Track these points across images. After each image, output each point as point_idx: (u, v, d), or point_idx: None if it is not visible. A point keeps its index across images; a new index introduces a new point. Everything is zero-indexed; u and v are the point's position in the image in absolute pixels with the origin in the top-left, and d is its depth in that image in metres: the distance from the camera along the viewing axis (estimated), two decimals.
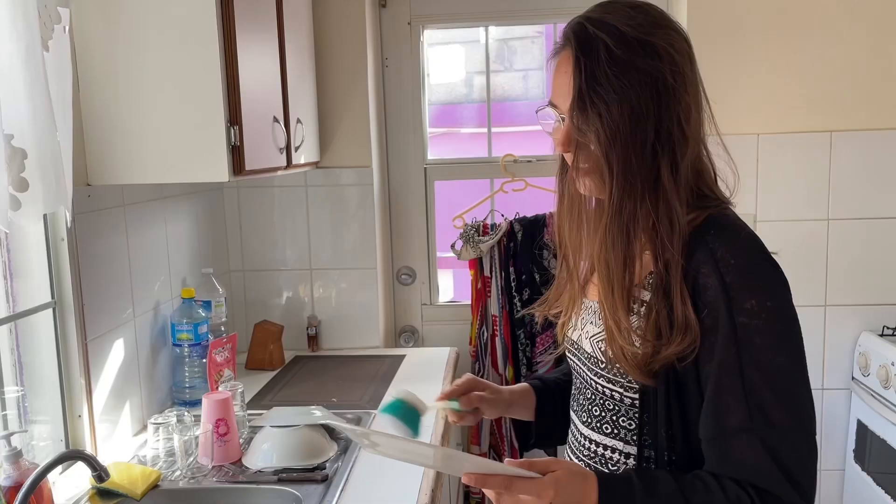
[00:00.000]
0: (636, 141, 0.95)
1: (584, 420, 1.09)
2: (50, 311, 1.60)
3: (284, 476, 1.55)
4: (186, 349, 2.02)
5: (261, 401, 2.07)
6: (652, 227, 0.97)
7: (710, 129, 1.04)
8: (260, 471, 1.59)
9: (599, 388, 1.05)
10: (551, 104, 1.02)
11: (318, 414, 1.74)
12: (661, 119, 0.95)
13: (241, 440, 1.72)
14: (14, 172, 1.31)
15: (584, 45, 0.96)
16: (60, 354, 1.62)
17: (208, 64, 1.61)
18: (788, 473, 0.90)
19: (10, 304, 1.57)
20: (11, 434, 1.33)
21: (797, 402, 0.92)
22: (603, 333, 1.02)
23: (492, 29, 2.72)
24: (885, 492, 2.21)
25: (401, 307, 2.78)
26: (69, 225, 1.57)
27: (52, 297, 1.60)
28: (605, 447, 1.05)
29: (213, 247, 2.41)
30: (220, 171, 1.65)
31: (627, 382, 1.00)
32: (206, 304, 2.14)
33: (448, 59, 2.85)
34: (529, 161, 2.62)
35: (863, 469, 2.35)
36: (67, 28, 1.48)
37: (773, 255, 0.97)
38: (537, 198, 2.58)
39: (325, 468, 1.58)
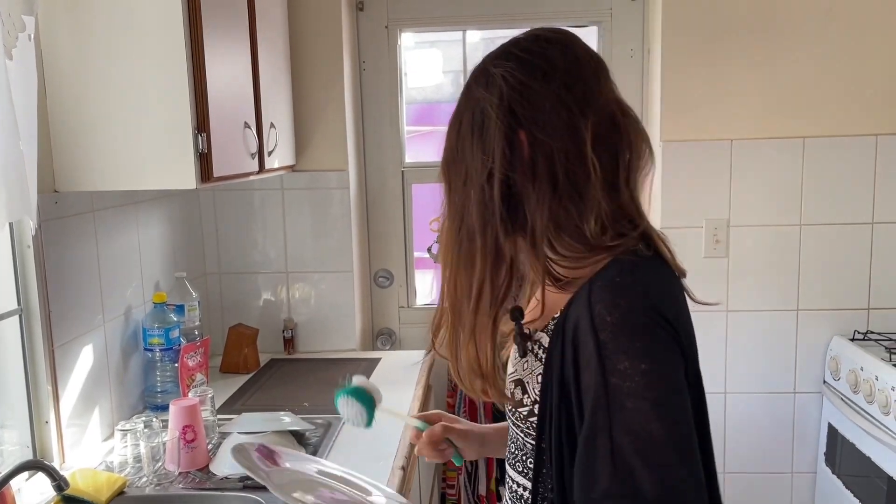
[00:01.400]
0: (457, 172, 0.94)
1: (509, 461, 1.05)
2: (16, 317, 1.60)
3: (250, 483, 1.55)
4: (158, 354, 2.02)
5: (233, 405, 2.07)
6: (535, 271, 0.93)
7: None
8: (226, 477, 1.59)
9: (513, 431, 1.03)
10: None
11: (286, 420, 1.75)
12: (485, 152, 0.91)
13: (210, 446, 1.73)
14: None
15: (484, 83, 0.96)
16: (27, 361, 1.62)
17: (175, 72, 1.61)
18: None
19: None
20: None
21: (671, 475, 0.80)
22: (515, 374, 0.99)
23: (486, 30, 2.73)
24: (854, 495, 2.23)
25: (378, 310, 2.79)
26: (34, 232, 1.57)
27: (19, 304, 1.60)
28: (515, 483, 1.02)
29: (188, 250, 2.41)
30: (187, 178, 1.65)
31: (526, 428, 0.97)
32: (179, 309, 2.14)
33: (427, 60, 2.86)
34: None
35: (833, 472, 2.38)
36: (33, 36, 1.48)
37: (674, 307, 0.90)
38: None
39: None
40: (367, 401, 1.15)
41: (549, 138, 0.90)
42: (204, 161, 1.68)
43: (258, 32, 2.03)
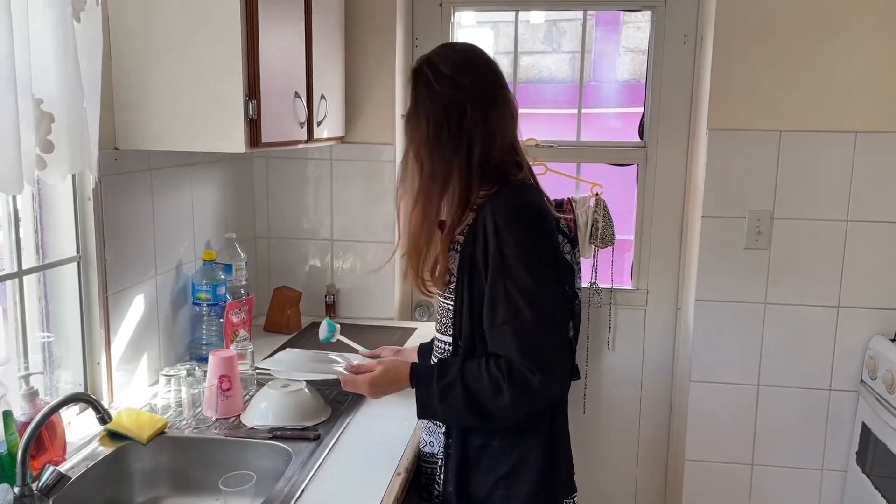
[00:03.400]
0: (436, 144, 1.42)
1: (437, 328, 1.57)
2: (75, 264, 1.73)
3: (279, 434, 1.65)
4: (205, 308, 2.14)
5: None
6: (457, 201, 1.42)
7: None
8: (254, 428, 1.69)
9: (441, 301, 1.53)
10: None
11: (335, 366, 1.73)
12: (459, 132, 1.41)
13: (246, 397, 1.83)
14: (41, 135, 1.43)
15: (414, 77, 1.47)
16: (83, 305, 1.75)
17: (230, 40, 1.70)
18: (532, 354, 1.35)
19: (40, 255, 1.70)
20: (29, 375, 1.46)
21: (542, 306, 1.35)
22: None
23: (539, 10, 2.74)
24: (882, 495, 2.21)
25: None
26: (95, 186, 1.68)
27: (78, 251, 1.73)
28: (443, 342, 1.54)
29: (239, 213, 2.52)
30: (237, 142, 1.74)
31: (448, 294, 1.48)
32: (228, 268, 2.25)
33: (478, 40, 2.89)
34: (551, 146, 2.66)
35: (864, 472, 2.36)
36: (100, 1, 1.58)
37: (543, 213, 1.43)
38: (557, 183, 2.62)
39: (317, 430, 1.68)
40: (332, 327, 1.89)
41: (496, 115, 1.46)
42: (253, 127, 1.76)
43: (313, 4, 2.10)
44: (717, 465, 2.57)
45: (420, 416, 1.47)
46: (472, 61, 1.45)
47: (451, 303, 1.48)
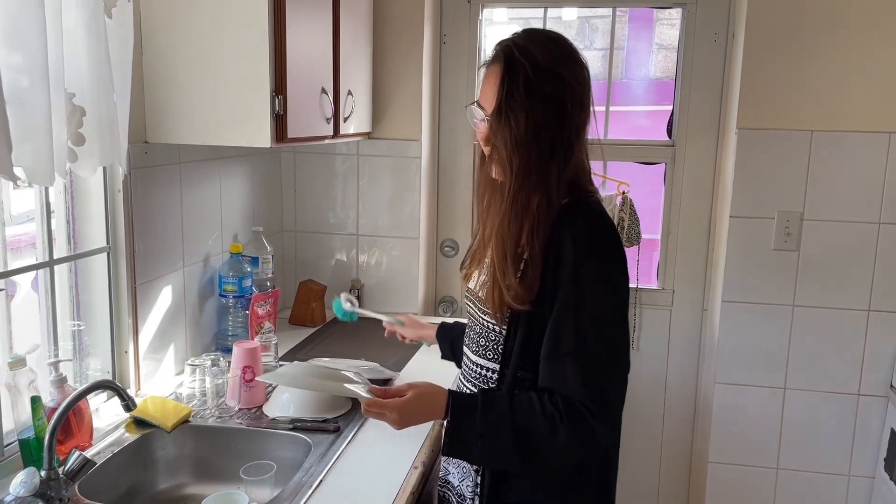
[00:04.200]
0: (534, 148, 1.23)
1: (473, 350, 1.40)
2: (105, 255, 1.77)
3: (299, 425, 1.67)
4: (231, 300, 2.17)
5: (296, 354, 2.20)
6: (536, 208, 1.24)
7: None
8: (275, 419, 1.71)
9: (484, 323, 1.35)
10: (478, 104, 1.31)
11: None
12: (557, 134, 1.24)
13: (268, 388, 1.86)
14: (73, 128, 1.46)
15: (509, 67, 1.24)
16: (112, 295, 1.79)
17: (257, 37, 1.72)
18: (595, 394, 1.20)
19: (72, 245, 1.74)
20: (58, 361, 1.50)
21: (613, 342, 1.23)
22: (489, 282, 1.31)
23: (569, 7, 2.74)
24: None
25: (442, 278, 2.87)
26: (124, 178, 1.72)
27: (107, 242, 1.77)
28: (484, 368, 1.36)
29: (267, 207, 2.56)
30: (263, 137, 1.77)
31: (500, 320, 1.31)
32: (254, 261, 2.28)
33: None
34: None
35: (892, 479, 2.31)
36: None
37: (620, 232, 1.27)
38: None
39: (337, 422, 1.70)
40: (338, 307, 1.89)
41: (584, 118, 1.29)
42: (279, 122, 1.79)
43: (341, 3, 2.11)
44: (741, 467, 2.54)
45: (447, 452, 1.28)
46: (569, 52, 1.27)
47: (492, 321, 1.32)
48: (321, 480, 1.45)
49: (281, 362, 1.98)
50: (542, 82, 1.22)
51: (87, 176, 1.55)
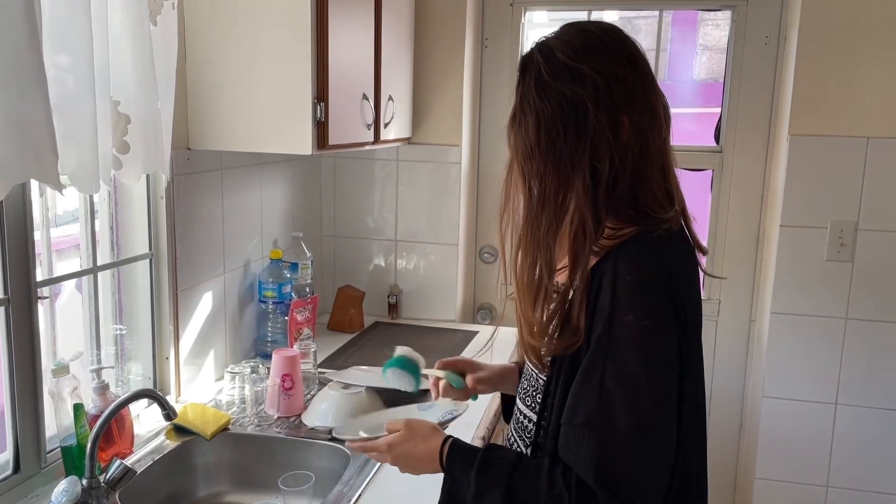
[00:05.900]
0: (549, 160, 1.03)
1: (520, 395, 1.21)
2: (147, 261, 1.77)
3: (338, 436, 1.65)
4: (271, 306, 2.17)
5: (335, 360, 2.19)
6: (574, 235, 1.02)
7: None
8: (313, 428, 1.69)
9: (529, 370, 1.18)
10: None
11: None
12: (578, 138, 1.02)
13: (308, 396, 1.84)
14: (118, 136, 1.46)
15: (524, 67, 1.08)
16: (154, 301, 1.79)
17: (299, 44, 1.71)
18: (613, 477, 0.96)
19: (115, 251, 1.75)
20: (101, 368, 1.50)
21: (646, 416, 0.96)
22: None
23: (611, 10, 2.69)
24: None
25: (480, 285, 2.84)
26: (167, 185, 1.72)
27: (150, 248, 1.77)
28: (523, 415, 1.18)
29: (306, 212, 2.55)
30: (304, 144, 1.76)
31: (536, 365, 1.13)
32: (294, 266, 2.28)
33: None
34: None
35: None
36: (176, 5, 1.62)
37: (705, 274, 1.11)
38: None
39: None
40: (413, 368, 1.36)
41: (642, 119, 1.04)
42: (321, 129, 1.77)
43: (383, 7, 2.10)
44: (790, 485, 2.46)
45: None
46: (600, 44, 1.04)
47: (544, 377, 1.12)
48: (360, 494, 1.43)
49: (321, 370, 1.97)
50: (557, 80, 1.02)
51: (131, 184, 1.55)
